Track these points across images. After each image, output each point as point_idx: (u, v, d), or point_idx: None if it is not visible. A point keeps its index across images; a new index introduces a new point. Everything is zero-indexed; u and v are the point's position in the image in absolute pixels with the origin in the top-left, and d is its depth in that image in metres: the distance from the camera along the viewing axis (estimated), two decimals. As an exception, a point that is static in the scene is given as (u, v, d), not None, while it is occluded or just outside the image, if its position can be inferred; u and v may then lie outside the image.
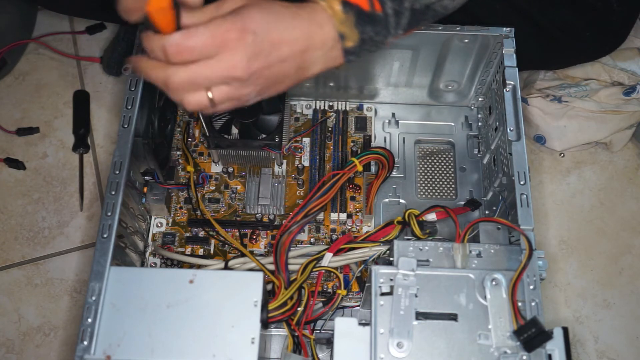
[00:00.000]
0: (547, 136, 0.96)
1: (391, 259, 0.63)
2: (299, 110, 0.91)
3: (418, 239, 0.73)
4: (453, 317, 0.60)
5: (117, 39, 1.03)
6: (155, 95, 0.77)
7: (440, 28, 0.77)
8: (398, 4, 0.57)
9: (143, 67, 0.55)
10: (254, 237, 0.82)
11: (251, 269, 0.74)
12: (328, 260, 0.74)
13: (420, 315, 0.60)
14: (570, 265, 0.91)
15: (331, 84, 0.88)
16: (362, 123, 0.90)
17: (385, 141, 0.90)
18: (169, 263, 0.80)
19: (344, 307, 0.78)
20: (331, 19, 0.56)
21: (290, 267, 0.75)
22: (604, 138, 0.96)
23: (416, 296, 0.60)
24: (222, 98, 0.55)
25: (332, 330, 0.61)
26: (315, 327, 0.74)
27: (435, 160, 0.89)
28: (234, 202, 0.85)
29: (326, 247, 0.76)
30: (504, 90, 0.75)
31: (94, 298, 0.60)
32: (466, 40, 0.78)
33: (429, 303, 0.60)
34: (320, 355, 0.75)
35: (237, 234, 0.82)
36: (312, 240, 0.82)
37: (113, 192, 0.67)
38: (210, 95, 0.54)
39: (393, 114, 0.91)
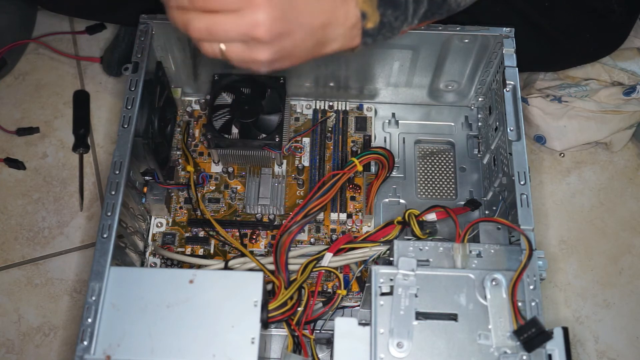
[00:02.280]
0: (547, 136, 0.96)
1: (391, 259, 0.63)
2: (299, 110, 0.91)
3: (418, 239, 0.73)
4: (453, 317, 0.60)
5: (117, 39, 1.03)
6: (155, 95, 0.77)
7: (440, 28, 0.77)
8: None
9: (169, 6, 0.55)
10: (254, 237, 0.82)
11: (251, 269, 0.74)
12: (328, 260, 0.74)
13: (420, 315, 0.60)
14: (570, 265, 0.91)
15: (331, 84, 0.88)
16: (362, 123, 0.90)
17: (385, 141, 0.90)
18: (169, 263, 0.80)
19: (344, 307, 0.78)
20: None
21: (290, 267, 0.75)
22: (604, 138, 0.96)
23: (416, 296, 0.60)
24: (233, 56, 0.55)
25: (332, 330, 0.61)
26: (315, 327, 0.74)
27: (435, 160, 0.89)
28: (234, 202, 0.85)
29: (326, 247, 0.76)
30: (504, 90, 0.75)
31: (94, 298, 0.60)
32: (466, 40, 0.78)
33: (429, 303, 0.60)
34: (320, 355, 0.75)
35: (237, 234, 0.82)
36: (312, 240, 0.82)
37: (113, 192, 0.67)
38: (223, 48, 0.54)
39: (393, 114, 0.91)
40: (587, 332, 0.87)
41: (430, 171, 0.88)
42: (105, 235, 0.64)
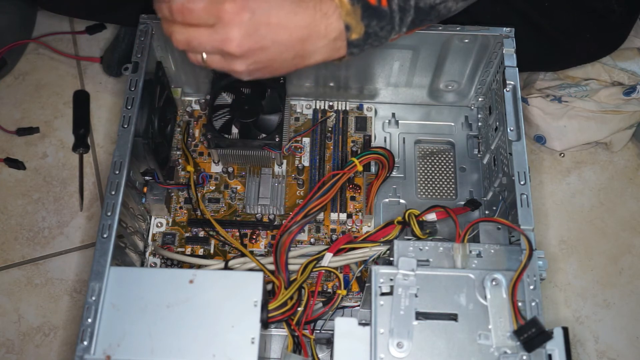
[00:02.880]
0: (547, 136, 0.96)
1: (391, 259, 0.63)
2: (299, 110, 0.91)
3: (418, 239, 0.73)
4: (453, 317, 0.60)
5: (117, 39, 1.03)
6: (155, 95, 0.77)
7: (440, 28, 0.77)
8: (404, 1, 0.58)
9: (160, 16, 0.59)
10: (254, 237, 0.82)
11: (251, 269, 0.74)
12: (328, 260, 0.74)
13: (420, 315, 0.60)
14: (570, 265, 0.91)
15: (331, 84, 0.88)
16: (362, 123, 0.90)
17: (385, 141, 0.90)
18: (169, 263, 0.80)
19: (344, 307, 0.78)
20: (338, 10, 0.57)
21: (290, 267, 0.75)
22: (604, 138, 0.96)
23: (416, 296, 0.60)
24: (214, 66, 0.59)
25: (332, 330, 0.61)
26: (315, 327, 0.74)
27: (435, 160, 0.89)
28: (234, 202, 0.85)
29: (326, 247, 0.76)
30: (504, 90, 0.75)
31: (94, 298, 0.60)
32: (466, 40, 0.78)
33: (429, 303, 0.60)
34: (320, 355, 0.75)
35: (237, 234, 0.82)
36: (312, 240, 0.82)
37: (113, 192, 0.67)
38: (204, 56, 0.58)
39: (393, 114, 0.91)
40: (587, 332, 0.87)
41: (430, 171, 0.88)
42: (105, 235, 0.64)
